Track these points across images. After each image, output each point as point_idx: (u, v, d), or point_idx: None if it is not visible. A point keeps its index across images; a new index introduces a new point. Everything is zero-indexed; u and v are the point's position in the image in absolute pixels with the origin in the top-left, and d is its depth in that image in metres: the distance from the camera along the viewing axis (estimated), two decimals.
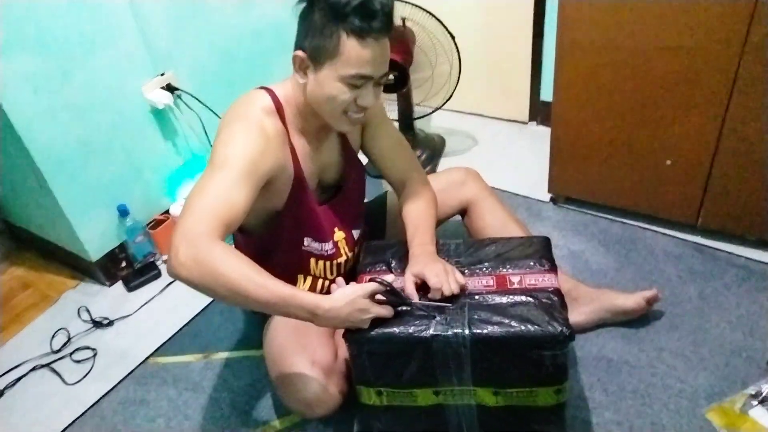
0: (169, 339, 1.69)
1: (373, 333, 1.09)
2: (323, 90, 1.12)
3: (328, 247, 1.35)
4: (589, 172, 1.82)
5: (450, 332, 1.07)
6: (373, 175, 1.48)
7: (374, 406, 1.21)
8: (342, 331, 1.28)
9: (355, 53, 1.06)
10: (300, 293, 1.04)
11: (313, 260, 1.35)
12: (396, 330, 1.09)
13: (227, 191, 1.05)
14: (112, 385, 1.57)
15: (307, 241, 1.32)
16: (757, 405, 1.27)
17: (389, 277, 1.10)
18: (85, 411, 1.52)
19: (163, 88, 1.91)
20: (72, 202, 1.76)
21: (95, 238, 1.86)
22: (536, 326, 1.05)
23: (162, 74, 1.91)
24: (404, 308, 1.12)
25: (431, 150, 2.31)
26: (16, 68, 1.54)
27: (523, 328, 1.05)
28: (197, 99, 2.00)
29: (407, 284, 1.14)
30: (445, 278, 1.12)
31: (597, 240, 1.80)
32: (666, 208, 1.75)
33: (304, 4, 1.10)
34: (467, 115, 2.58)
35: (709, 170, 1.60)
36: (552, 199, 1.99)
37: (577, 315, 1.46)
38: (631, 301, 1.46)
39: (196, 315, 1.76)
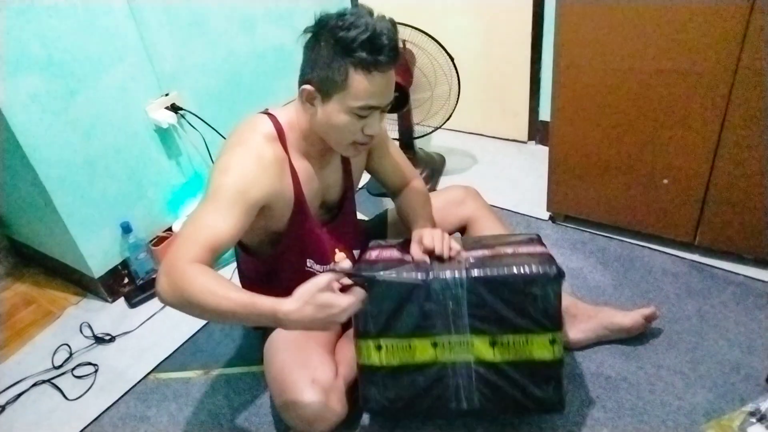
0: (170, 355, 1.70)
1: (375, 276, 1.17)
2: (331, 121, 1.15)
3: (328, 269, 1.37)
4: (587, 190, 1.84)
5: (449, 275, 1.17)
6: (375, 193, 1.50)
7: (373, 368, 1.23)
8: (342, 349, 1.30)
9: (363, 86, 1.09)
10: (258, 299, 1.00)
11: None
12: (397, 274, 1.18)
13: (212, 219, 1.09)
14: (113, 400, 1.58)
15: (309, 262, 1.34)
16: (755, 423, 1.27)
17: (346, 263, 1.14)
18: (86, 426, 1.52)
19: (167, 108, 1.94)
20: (76, 219, 1.78)
21: (98, 255, 1.88)
22: (528, 266, 1.16)
23: (166, 94, 1.95)
24: (382, 278, 1.15)
25: (431, 168, 2.34)
26: (23, 87, 1.57)
27: (515, 268, 1.16)
28: (201, 119, 2.03)
29: (413, 247, 1.22)
30: (439, 239, 1.20)
31: (595, 258, 1.81)
32: (663, 227, 1.77)
33: (309, 35, 1.13)
34: (467, 135, 2.61)
35: (705, 189, 1.62)
36: (551, 218, 2.01)
37: (575, 332, 1.48)
38: (629, 318, 1.47)
39: (197, 331, 1.77)
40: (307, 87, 1.14)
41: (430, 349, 1.21)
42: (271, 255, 1.30)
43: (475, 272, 1.16)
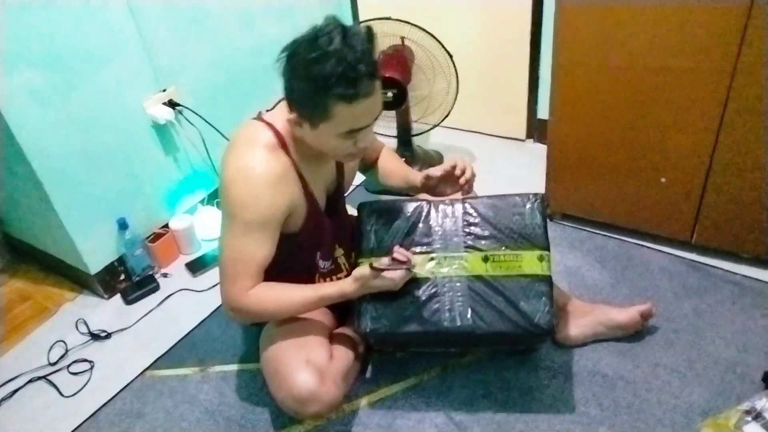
0: (167, 352, 1.69)
1: (378, 203, 1.36)
2: (322, 143, 1.16)
3: (329, 264, 1.40)
4: (585, 189, 1.84)
5: (447, 201, 1.35)
6: (372, 190, 1.51)
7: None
8: (337, 339, 1.37)
9: (347, 114, 1.08)
10: (324, 292, 1.27)
11: (317, 276, 1.40)
12: (398, 200, 1.37)
13: (250, 251, 1.20)
14: (109, 397, 1.57)
15: (317, 256, 1.37)
16: (751, 421, 1.27)
17: (385, 260, 1.23)
18: (82, 423, 1.51)
19: (164, 103, 1.93)
20: (72, 215, 1.77)
21: (94, 251, 1.87)
22: (517, 194, 1.35)
23: (164, 90, 1.94)
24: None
25: (429, 166, 2.33)
26: (20, 82, 1.56)
27: (506, 195, 1.35)
28: (198, 115, 2.03)
29: (432, 171, 1.40)
30: (461, 160, 1.36)
31: (593, 256, 1.81)
32: (661, 225, 1.77)
33: (283, 63, 1.09)
34: (465, 132, 2.61)
35: (703, 188, 1.62)
36: (549, 216, 2.01)
37: (572, 328, 1.48)
38: (625, 315, 1.47)
39: (194, 328, 1.76)
40: (292, 117, 1.14)
41: (426, 264, 1.31)
42: (284, 253, 1.30)
43: (470, 199, 1.36)
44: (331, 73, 1.02)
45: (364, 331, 1.28)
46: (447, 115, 2.16)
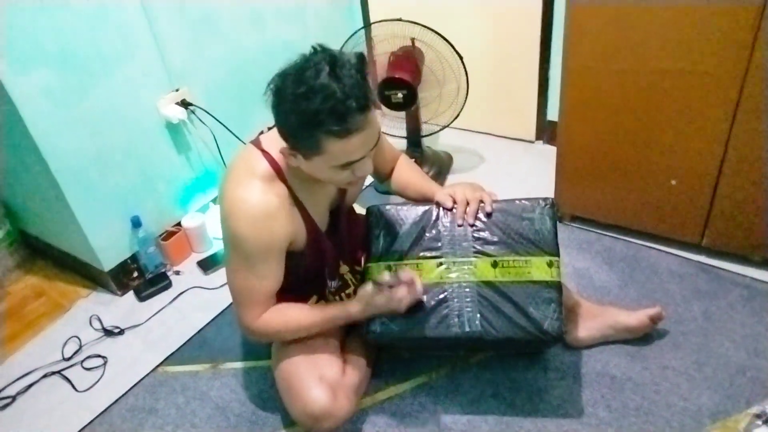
0: (179, 348, 1.72)
1: (387, 207, 1.35)
2: (318, 173, 1.12)
3: (335, 284, 1.43)
4: (594, 190, 1.84)
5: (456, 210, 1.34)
6: (381, 191, 1.51)
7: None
8: (348, 349, 1.40)
9: (340, 148, 1.03)
10: (330, 313, 1.28)
11: (328, 294, 1.43)
12: (407, 206, 1.37)
13: (257, 281, 1.22)
14: (122, 393, 1.60)
15: (325, 273, 1.40)
16: (761, 425, 1.27)
17: (386, 276, 1.25)
18: (95, 418, 1.54)
19: (177, 103, 1.95)
20: (86, 212, 1.80)
21: (108, 249, 1.89)
22: (526, 199, 1.34)
23: (177, 90, 1.96)
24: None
25: (438, 167, 2.35)
26: (37, 82, 1.59)
27: (516, 200, 1.35)
28: (211, 114, 2.05)
29: (440, 196, 1.35)
30: (461, 192, 1.34)
31: (601, 258, 1.81)
32: (670, 228, 1.77)
33: (271, 95, 1.05)
34: (474, 134, 2.61)
35: (713, 190, 1.62)
36: (558, 218, 2.01)
37: (580, 330, 1.48)
38: (634, 318, 1.47)
39: (205, 325, 1.79)
40: (285, 150, 1.10)
41: (435, 269, 1.30)
42: (292, 270, 1.30)
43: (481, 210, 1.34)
44: (319, 109, 0.97)
45: (373, 336, 1.29)
46: (457, 116, 2.16)
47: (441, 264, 1.31)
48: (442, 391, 1.46)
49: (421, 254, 1.32)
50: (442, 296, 1.29)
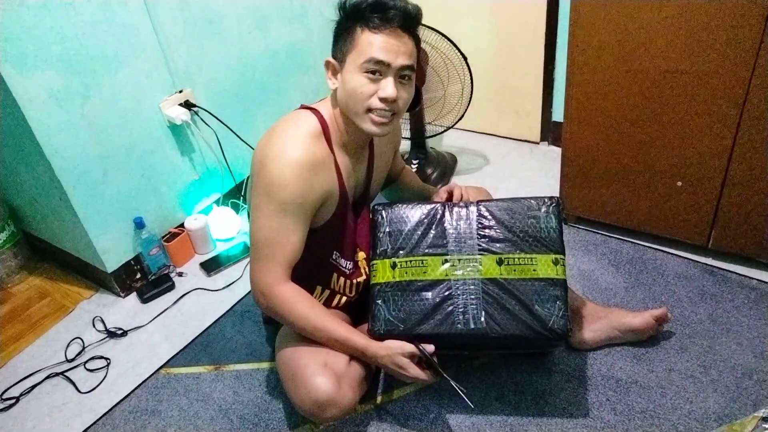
0: (181, 350, 1.71)
1: (395, 206, 1.35)
2: (347, 85, 1.18)
3: (350, 265, 1.40)
4: (599, 192, 1.83)
5: (461, 204, 1.35)
6: (387, 198, 1.53)
7: (385, 285, 1.30)
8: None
9: (368, 41, 1.13)
10: (353, 337, 1.24)
11: (335, 275, 1.39)
12: (413, 203, 1.36)
13: (286, 237, 1.21)
14: (125, 394, 1.59)
15: (335, 255, 1.37)
16: (767, 429, 1.26)
17: (430, 348, 1.22)
18: (98, 419, 1.53)
19: (181, 104, 1.95)
20: (90, 213, 1.80)
21: (111, 250, 1.89)
22: (532, 197, 1.34)
23: (180, 91, 1.96)
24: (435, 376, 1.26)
25: (443, 168, 2.34)
26: (40, 83, 1.59)
27: (521, 198, 1.34)
28: (214, 116, 2.05)
29: (441, 194, 1.42)
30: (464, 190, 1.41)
31: (607, 260, 1.80)
32: (676, 230, 1.76)
33: (337, 19, 1.19)
34: (479, 135, 2.61)
35: (719, 192, 1.61)
36: (564, 219, 2.00)
37: (586, 332, 1.47)
38: (639, 319, 1.46)
39: (208, 327, 1.78)
40: (329, 58, 1.21)
41: (440, 266, 1.30)
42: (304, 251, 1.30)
43: (484, 202, 1.35)
44: (364, 0, 1.13)
45: (378, 333, 1.29)
46: (461, 118, 2.15)
47: (446, 261, 1.31)
48: (446, 393, 1.45)
49: (427, 251, 1.32)
50: (447, 293, 1.28)
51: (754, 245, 1.65)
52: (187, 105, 1.97)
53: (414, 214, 1.35)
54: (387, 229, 1.34)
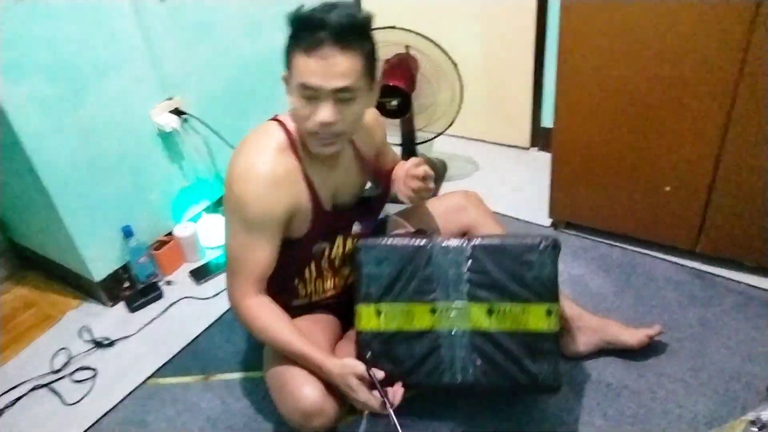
0: (169, 360, 1.69)
1: (379, 240, 1.28)
2: (292, 106, 1.17)
3: (325, 245, 1.36)
4: (589, 197, 1.84)
5: (451, 242, 1.26)
6: (390, 200, 1.51)
7: (371, 335, 1.26)
8: (341, 349, 1.36)
9: (302, 64, 1.10)
10: (310, 353, 1.21)
11: (307, 269, 1.36)
12: (399, 240, 1.28)
13: (252, 253, 1.22)
14: (112, 405, 1.57)
15: (314, 248, 1.34)
16: (757, 431, 1.27)
17: (380, 374, 1.17)
18: (84, 431, 1.51)
19: (170, 112, 1.94)
20: (77, 222, 1.78)
21: (99, 259, 1.87)
22: (526, 237, 1.27)
23: (170, 98, 1.95)
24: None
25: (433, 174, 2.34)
26: (28, 90, 1.57)
27: (515, 239, 1.28)
28: (204, 123, 2.04)
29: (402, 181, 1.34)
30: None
31: (597, 264, 1.81)
32: (665, 234, 1.77)
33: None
34: (469, 141, 2.61)
35: (707, 196, 1.62)
36: (552, 224, 2.01)
37: (579, 345, 1.47)
38: (635, 340, 1.45)
39: (197, 336, 1.77)
40: (284, 73, 1.18)
41: (428, 315, 1.25)
42: (284, 255, 1.29)
43: (477, 240, 1.26)
44: (296, 19, 1.10)
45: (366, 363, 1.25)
46: (451, 124, 2.16)
47: (434, 310, 1.25)
48: (438, 401, 1.44)
49: (414, 297, 1.25)
50: (434, 344, 1.25)
51: (741, 249, 1.66)
52: (177, 112, 1.96)
53: (400, 254, 1.26)
54: (371, 270, 1.27)
